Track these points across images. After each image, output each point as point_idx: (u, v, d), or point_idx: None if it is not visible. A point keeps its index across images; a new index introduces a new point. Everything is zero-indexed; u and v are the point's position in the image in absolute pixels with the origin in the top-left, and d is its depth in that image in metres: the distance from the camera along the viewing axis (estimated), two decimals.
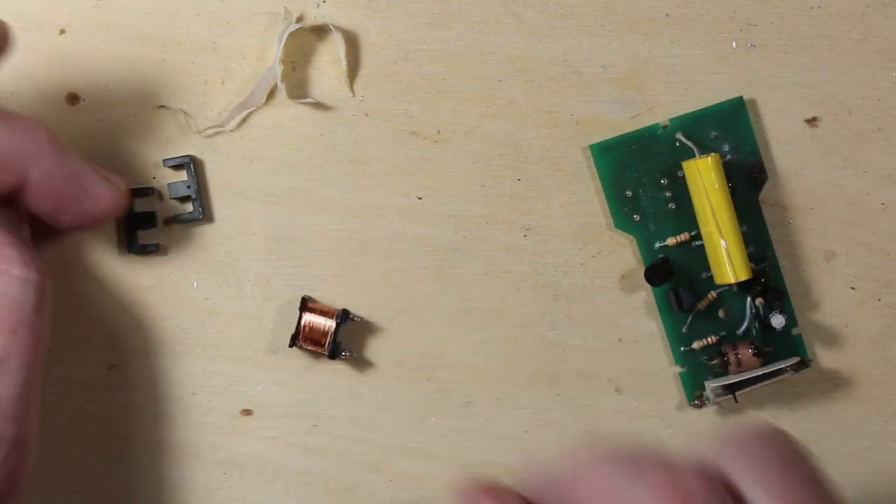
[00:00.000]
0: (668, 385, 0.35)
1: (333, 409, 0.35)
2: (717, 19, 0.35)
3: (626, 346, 0.35)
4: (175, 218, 0.34)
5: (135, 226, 0.34)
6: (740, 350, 0.35)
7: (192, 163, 0.34)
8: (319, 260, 0.35)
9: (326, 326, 0.34)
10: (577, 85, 0.35)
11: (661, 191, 0.35)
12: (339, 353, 0.34)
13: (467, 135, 0.35)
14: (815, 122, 0.36)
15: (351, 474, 0.35)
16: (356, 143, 0.35)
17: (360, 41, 0.35)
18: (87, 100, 0.34)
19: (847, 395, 0.36)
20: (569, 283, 0.35)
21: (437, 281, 0.35)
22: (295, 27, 0.34)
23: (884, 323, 0.36)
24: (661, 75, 0.35)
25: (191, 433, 0.35)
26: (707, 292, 0.35)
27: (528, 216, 0.35)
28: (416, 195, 0.35)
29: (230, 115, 0.34)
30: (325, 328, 0.34)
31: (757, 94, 0.35)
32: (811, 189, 0.36)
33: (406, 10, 0.35)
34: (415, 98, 0.35)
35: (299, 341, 0.34)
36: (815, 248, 0.36)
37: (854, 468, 0.36)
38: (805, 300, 0.36)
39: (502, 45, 0.35)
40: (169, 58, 0.35)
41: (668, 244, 0.35)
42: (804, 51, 0.35)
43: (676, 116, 0.35)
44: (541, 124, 0.35)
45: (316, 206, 0.35)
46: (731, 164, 0.35)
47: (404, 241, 0.35)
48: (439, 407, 0.35)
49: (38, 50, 0.34)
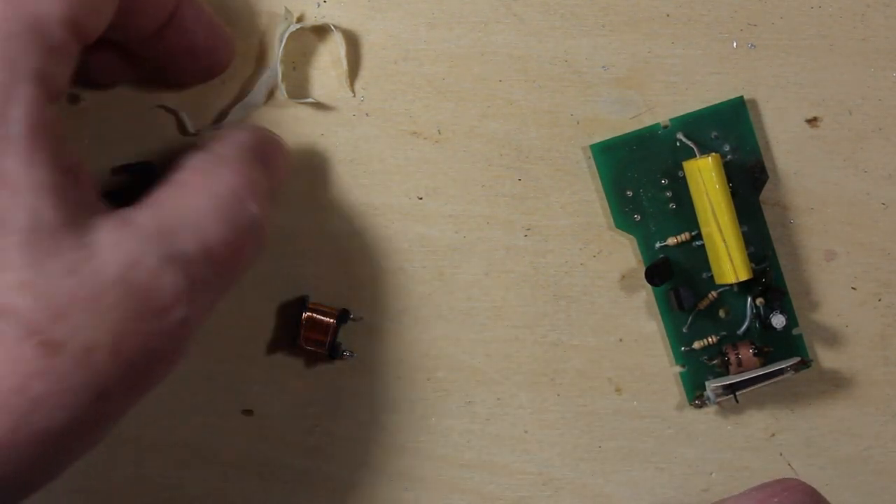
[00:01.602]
0: (668, 385, 0.35)
1: (333, 409, 0.35)
2: (717, 19, 0.35)
3: (627, 346, 0.35)
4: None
5: None
6: (741, 350, 0.35)
7: (154, 168, 0.34)
8: (319, 260, 0.35)
9: (326, 326, 0.34)
10: (578, 85, 0.35)
11: (661, 191, 0.35)
12: (340, 353, 0.34)
13: (468, 135, 0.35)
14: (815, 122, 0.36)
15: (351, 474, 0.35)
16: (356, 143, 0.35)
17: (360, 41, 0.35)
18: (87, 100, 0.34)
19: (847, 395, 0.36)
20: (569, 283, 0.35)
21: (437, 281, 0.35)
22: (295, 27, 0.34)
23: (884, 323, 0.36)
24: (661, 75, 0.35)
25: (191, 433, 0.35)
26: (707, 292, 0.35)
27: (528, 216, 0.35)
28: (416, 195, 0.35)
29: (231, 116, 0.34)
30: (325, 328, 0.34)
31: (757, 94, 0.35)
32: (811, 189, 0.36)
33: (406, 10, 0.35)
34: (415, 98, 0.35)
35: (299, 341, 0.34)
36: (815, 248, 0.36)
37: (854, 468, 0.36)
38: (805, 300, 0.36)
39: (503, 45, 0.35)
40: None
41: (668, 244, 0.35)
42: (804, 51, 0.35)
43: (677, 116, 0.35)
44: (541, 124, 0.35)
45: (316, 206, 0.35)
46: (731, 164, 0.35)
47: (404, 241, 0.35)
48: (439, 407, 0.35)
49: None
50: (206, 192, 0.28)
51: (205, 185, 0.29)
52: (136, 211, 0.27)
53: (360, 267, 0.35)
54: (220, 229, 0.28)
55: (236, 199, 0.29)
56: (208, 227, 0.28)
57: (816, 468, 0.36)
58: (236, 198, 0.29)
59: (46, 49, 0.25)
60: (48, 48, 0.25)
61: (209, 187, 0.29)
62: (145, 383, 0.27)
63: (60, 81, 0.26)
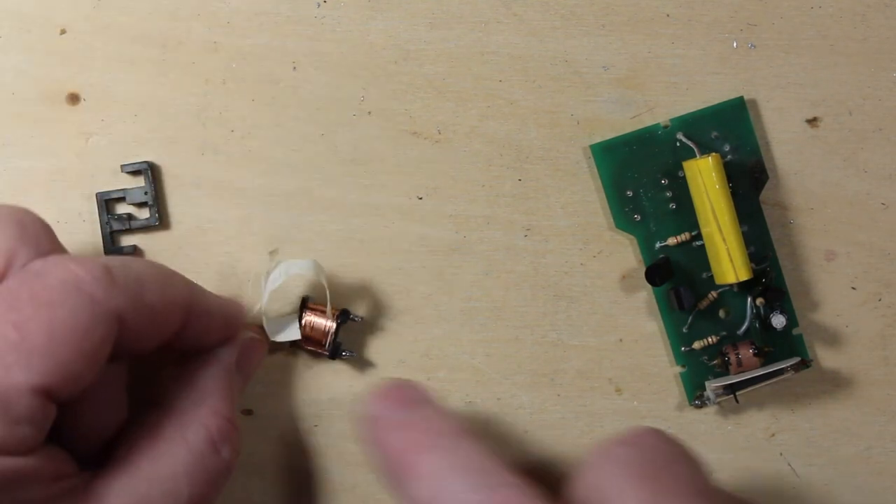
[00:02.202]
0: (668, 385, 0.35)
1: (333, 409, 0.35)
2: (717, 19, 0.35)
3: (627, 346, 0.35)
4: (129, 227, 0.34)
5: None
6: (741, 350, 0.35)
7: (149, 169, 0.34)
8: (320, 260, 0.35)
9: (327, 326, 0.34)
10: (578, 85, 0.35)
11: (661, 191, 0.35)
12: (340, 353, 0.34)
13: (468, 135, 0.35)
14: (815, 122, 0.36)
15: (351, 474, 0.35)
16: (357, 143, 0.35)
17: (360, 41, 0.35)
18: (87, 100, 0.34)
19: (847, 395, 0.36)
20: (569, 283, 0.35)
21: (437, 281, 0.35)
22: (279, 280, 0.33)
23: (884, 323, 0.36)
24: (661, 75, 0.35)
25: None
26: (707, 292, 0.35)
27: (528, 216, 0.35)
28: (416, 195, 0.35)
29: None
30: (326, 328, 0.34)
31: (757, 94, 0.35)
32: (811, 189, 0.36)
33: (406, 10, 0.35)
34: (415, 98, 0.35)
35: (300, 341, 0.34)
36: (815, 248, 0.36)
37: (854, 468, 0.36)
38: (805, 300, 0.36)
39: (503, 45, 0.35)
40: (169, 58, 0.35)
41: (668, 244, 0.35)
42: (805, 51, 0.35)
43: (677, 116, 0.35)
44: (541, 124, 0.35)
45: (316, 206, 0.35)
46: (731, 164, 0.35)
47: (404, 241, 0.35)
48: None
49: (38, 50, 0.34)
50: (182, 449, 0.29)
51: (181, 438, 0.29)
52: (108, 484, 0.28)
53: (360, 267, 0.35)
54: (194, 490, 0.28)
55: (211, 448, 0.29)
56: (182, 491, 0.28)
57: (816, 468, 0.36)
58: (211, 447, 0.29)
59: (10, 419, 0.25)
60: (12, 418, 0.25)
61: (186, 441, 0.29)
62: None
63: (31, 440, 0.26)
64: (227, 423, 0.30)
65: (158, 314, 0.28)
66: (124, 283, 0.27)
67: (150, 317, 0.28)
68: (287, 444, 0.35)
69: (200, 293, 0.31)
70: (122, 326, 0.27)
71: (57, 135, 0.34)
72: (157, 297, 0.28)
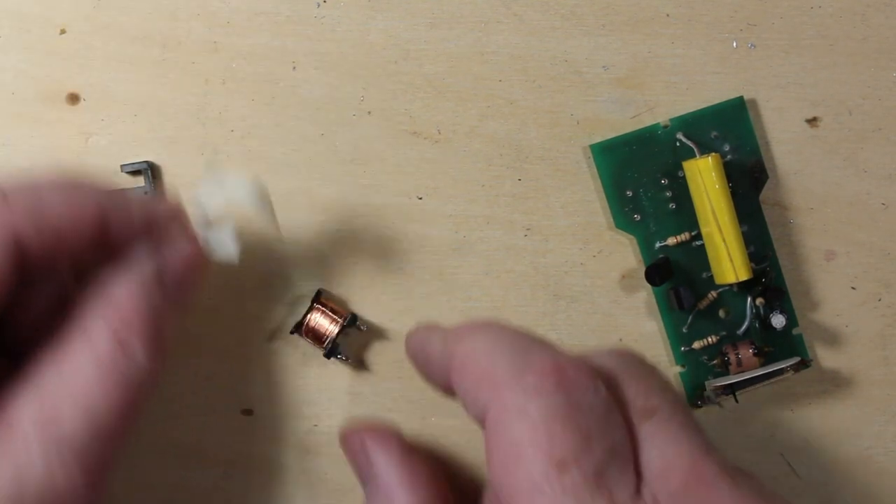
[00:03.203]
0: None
1: (333, 409, 0.35)
2: (717, 19, 0.35)
3: (627, 345, 0.35)
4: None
5: None
6: (741, 350, 0.35)
7: (149, 169, 0.34)
8: (320, 260, 0.35)
9: (331, 327, 0.34)
10: (578, 85, 0.35)
11: (661, 191, 0.35)
12: (336, 354, 0.34)
13: (468, 135, 0.35)
14: (815, 122, 0.36)
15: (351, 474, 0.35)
16: (356, 142, 0.35)
17: (360, 41, 0.35)
18: (87, 100, 0.34)
19: (847, 395, 0.36)
20: (569, 283, 0.35)
21: (437, 281, 0.35)
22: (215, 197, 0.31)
23: (884, 323, 0.36)
24: (661, 75, 0.35)
25: (191, 433, 0.35)
26: (707, 292, 0.35)
27: (528, 216, 0.35)
28: (416, 195, 0.35)
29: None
30: (329, 328, 0.34)
31: (757, 94, 0.35)
32: (811, 189, 0.36)
33: (406, 9, 0.35)
34: (415, 98, 0.35)
35: (302, 331, 0.34)
36: (815, 248, 0.36)
37: (854, 468, 0.36)
38: (805, 300, 0.36)
39: (503, 45, 0.35)
40: (169, 58, 0.35)
41: (668, 244, 0.35)
42: (804, 51, 0.35)
43: (677, 116, 0.35)
44: (541, 124, 0.35)
45: (316, 206, 0.35)
46: (731, 164, 0.35)
47: (404, 241, 0.35)
48: (439, 407, 0.35)
49: (38, 50, 0.34)
50: (88, 357, 0.27)
51: (87, 346, 0.27)
52: (17, 406, 0.26)
53: (360, 267, 0.35)
54: (112, 401, 0.27)
55: (120, 351, 0.27)
56: (97, 404, 0.26)
57: (816, 468, 0.36)
58: (120, 350, 0.27)
59: None
60: None
61: (91, 346, 0.27)
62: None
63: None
64: (135, 317, 0.28)
65: (64, 231, 0.27)
66: (21, 204, 0.26)
67: (55, 234, 0.27)
68: (287, 444, 0.35)
69: (119, 201, 0.29)
70: (24, 248, 0.26)
71: (57, 135, 0.34)
72: (61, 214, 0.27)
